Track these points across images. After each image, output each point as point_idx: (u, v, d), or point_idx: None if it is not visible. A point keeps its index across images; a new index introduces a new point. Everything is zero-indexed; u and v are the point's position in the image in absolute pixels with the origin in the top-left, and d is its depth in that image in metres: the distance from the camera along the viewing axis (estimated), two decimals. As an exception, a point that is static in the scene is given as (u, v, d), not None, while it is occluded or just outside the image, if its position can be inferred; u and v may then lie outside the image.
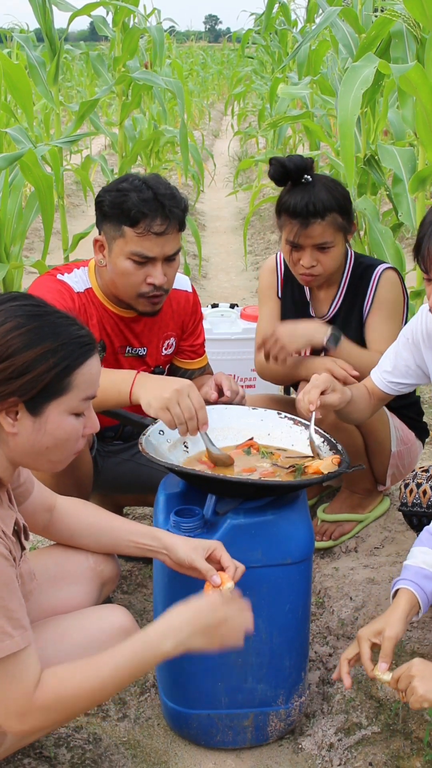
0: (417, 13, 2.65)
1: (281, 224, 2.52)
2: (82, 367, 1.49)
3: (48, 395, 1.46)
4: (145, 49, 6.52)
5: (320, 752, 1.96)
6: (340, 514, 2.77)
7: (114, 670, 1.49)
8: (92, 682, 1.48)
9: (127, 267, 2.18)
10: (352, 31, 3.54)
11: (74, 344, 1.48)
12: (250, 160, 6.66)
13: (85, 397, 1.51)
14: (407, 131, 3.99)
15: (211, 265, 7.06)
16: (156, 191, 2.15)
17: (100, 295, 2.32)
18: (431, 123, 2.72)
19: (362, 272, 2.61)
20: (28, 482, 1.73)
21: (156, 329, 2.42)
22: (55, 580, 1.80)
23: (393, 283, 2.58)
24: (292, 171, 2.46)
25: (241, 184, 9.80)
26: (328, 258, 2.50)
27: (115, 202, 2.16)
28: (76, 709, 1.51)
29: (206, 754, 2.01)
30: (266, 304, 2.79)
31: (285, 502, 1.91)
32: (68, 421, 1.50)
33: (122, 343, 2.37)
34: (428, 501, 2.12)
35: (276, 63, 8.63)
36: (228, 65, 21.91)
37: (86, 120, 4.87)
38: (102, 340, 2.33)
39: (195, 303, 2.51)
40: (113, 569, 1.91)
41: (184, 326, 2.50)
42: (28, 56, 4.74)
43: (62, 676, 1.47)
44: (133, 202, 2.13)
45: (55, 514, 1.81)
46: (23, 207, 3.66)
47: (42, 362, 1.44)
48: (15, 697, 1.43)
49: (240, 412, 2.22)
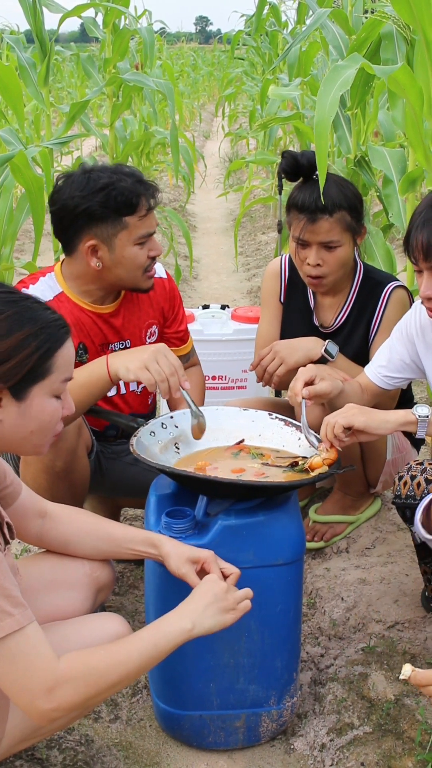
0: (406, 14, 2.65)
1: (290, 220, 2.51)
2: (62, 348, 1.54)
3: (32, 379, 1.50)
4: (136, 50, 6.51)
5: (312, 753, 1.96)
6: (332, 516, 2.77)
7: (139, 645, 1.51)
8: (119, 656, 1.49)
9: (136, 252, 2.24)
10: (342, 33, 3.54)
11: (52, 327, 1.52)
12: (240, 162, 6.67)
13: (64, 378, 1.56)
14: (397, 132, 4.00)
15: (202, 267, 7.06)
16: (128, 174, 2.22)
17: (74, 296, 2.31)
18: (420, 124, 2.72)
19: (372, 288, 2.58)
20: (15, 484, 1.73)
21: (135, 320, 2.42)
22: (50, 586, 1.79)
23: (402, 304, 2.55)
24: (303, 166, 2.46)
25: (232, 186, 9.81)
26: (333, 258, 2.46)
27: (106, 201, 2.16)
28: (107, 682, 1.48)
29: (198, 755, 2.01)
30: (267, 308, 2.76)
31: (276, 503, 1.91)
32: (50, 403, 1.54)
33: (103, 341, 2.36)
34: (422, 493, 2.12)
35: (266, 64, 8.63)
36: (218, 67, 21.90)
37: (77, 121, 4.86)
38: (81, 342, 2.32)
39: (172, 289, 2.53)
40: (109, 575, 1.90)
41: (165, 313, 2.50)
42: (19, 57, 4.73)
43: (87, 651, 1.48)
44: (126, 192, 2.16)
45: (48, 521, 1.80)
46: (14, 209, 3.65)
47: (25, 347, 1.47)
48: (37, 671, 1.41)
49: (231, 413, 2.22)
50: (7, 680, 1.42)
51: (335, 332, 2.62)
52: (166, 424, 2.09)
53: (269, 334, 2.72)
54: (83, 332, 2.33)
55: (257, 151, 7.40)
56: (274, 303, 2.74)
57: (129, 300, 2.41)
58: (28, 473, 2.21)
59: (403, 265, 2.21)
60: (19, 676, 1.41)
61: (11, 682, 1.42)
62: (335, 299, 2.63)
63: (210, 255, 7.52)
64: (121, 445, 2.54)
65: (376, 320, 2.56)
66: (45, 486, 2.18)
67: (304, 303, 2.69)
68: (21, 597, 1.44)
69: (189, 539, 1.81)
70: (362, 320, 2.58)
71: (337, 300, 2.63)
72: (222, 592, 1.63)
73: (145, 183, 2.24)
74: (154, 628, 1.56)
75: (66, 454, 2.18)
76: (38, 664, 1.41)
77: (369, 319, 2.57)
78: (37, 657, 1.42)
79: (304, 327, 2.65)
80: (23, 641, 1.41)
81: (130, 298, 2.41)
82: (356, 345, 2.58)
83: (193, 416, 2.09)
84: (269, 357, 2.50)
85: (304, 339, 2.53)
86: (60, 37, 5.47)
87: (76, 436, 2.20)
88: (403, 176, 3.08)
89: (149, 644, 1.53)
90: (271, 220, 7.94)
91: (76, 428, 2.20)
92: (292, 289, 2.70)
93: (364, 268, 2.62)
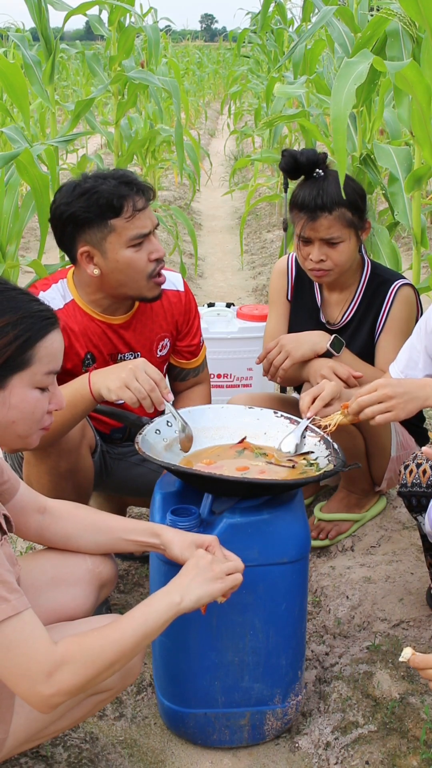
0: (412, 12, 2.65)
1: (293, 218, 2.52)
2: (44, 340, 1.52)
3: (11, 368, 1.49)
4: (141, 48, 6.51)
5: (317, 751, 1.96)
6: (336, 514, 2.77)
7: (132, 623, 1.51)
8: (114, 635, 1.49)
9: (131, 255, 2.18)
10: (347, 30, 3.54)
11: (35, 317, 1.51)
12: (246, 160, 6.66)
13: (48, 371, 1.54)
14: (403, 130, 3.99)
15: (207, 265, 7.06)
16: (114, 177, 2.18)
17: (84, 305, 2.29)
18: (426, 121, 2.72)
19: (378, 285, 2.59)
20: (13, 480, 1.73)
21: (148, 332, 2.40)
22: (53, 582, 1.79)
23: (408, 302, 2.56)
24: (303, 164, 2.47)
25: (237, 184, 9.81)
26: (336, 253, 2.48)
27: (89, 206, 2.14)
28: (105, 661, 1.48)
29: (203, 753, 2.01)
30: (275, 306, 2.78)
31: (281, 501, 1.91)
32: (32, 394, 1.53)
33: (111, 351, 2.34)
34: (428, 480, 2.11)
35: (272, 62, 8.63)
36: (224, 64, 21.87)
37: (82, 119, 4.86)
38: (89, 352, 2.31)
39: (188, 302, 2.48)
40: (111, 571, 1.89)
41: (178, 326, 2.47)
42: (24, 55, 4.73)
43: (81, 634, 1.49)
44: (107, 194, 2.13)
45: (47, 517, 1.80)
46: (19, 206, 3.65)
47: (2, 335, 1.47)
48: (35, 656, 1.41)
49: (236, 411, 2.22)
50: (5, 667, 1.41)
51: (342, 329, 2.63)
52: (171, 422, 2.08)
53: (277, 331, 2.73)
54: (91, 342, 2.31)
55: (263, 149, 7.39)
56: (282, 301, 2.75)
57: (142, 312, 2.38)
58: (33, 474, 2.21)
59: (409, 263, 2.20)
60: (18, 662, 1.40)
61: (10, 669, 1.41)
62: (342, 296, 2.64)
63: (215, 253, 7.52)
64: (127, 447, 2.54)
65: (382, 317, 2.56)
66: (50, 486, 2.18)
67: (311, 300, 2.69)
68: (16, 584, 1.44)
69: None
70: (368, 317, 2.59)
71: (344, 297, 2.63)
72: (207, 563, 1.63)
73: (131, 184, 2.18)
74: (144, 605, 1.56)
75: (70, 454, 2.18)
76: (36, 648, 1.41)
77: (375, 316, 2.58)
78: (35, 642, 1.41)
79: (312, 324, 2.66)
80: (20, 627, 1.41)
81: (143, 311, 2.38)
82: (362, 341, 2.59)
83: (180, 429, 2.06)
84: (275, 350, 2.52)
85: (310, 333, 2.55)
86: (65, 35, 5.47)
87: (79, 437, 2.20)
88: (408, 174, 3.07)
89: (140, 622, 1.53)
90: (277, 218, 7.94)
91: (80, 429, 2.20)
92: (299, 287, 2.72)
93: (372, 266, 2.63)
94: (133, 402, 2.01)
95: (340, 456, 1.97)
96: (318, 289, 2.68)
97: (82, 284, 2.29)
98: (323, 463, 2.00)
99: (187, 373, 2.55)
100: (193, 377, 2.57)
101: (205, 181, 9.95)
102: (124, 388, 2.01)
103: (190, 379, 2.57)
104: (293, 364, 2.51)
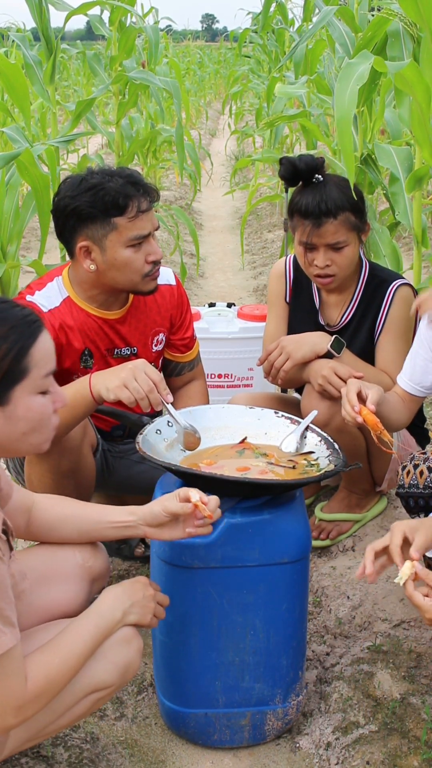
0: (412, 12, 2.65)
1: (294, 225, 2.50)
2: (36, 344, 1.49)
3: (10, 382, 1.47)
4: (142, 48, 6.51)
5: (318, 751, 1.96)
6: (337, 514, 2.77)
7: (83, 644, 1.56)
8: (71, 660, 1.53)
9: (129, 255, 2.19)
10: (348, 31, 3.54)
11: (22, 325, 1.48)
12: (246, 160, 6.65)
13: (45, 373, 1.52)
14: (404, 130, 4.00)
15: (208, 265, 7.06)
16: (121, 175, 2.18)
17: (80, 301, 2.30)
18: (426, 122, 2.72)
19: (377, 286, 2.58)
20: (6, 486, 1.72)
21: (142, 327, 2.41)
22: (44, 579, 1.79)
23: (407, 301, 2.55)
24: (302, 171, 2.45)
25: (238, 184, 9.80)
26: (342, 257, 2.47)
27: (94, 201, 2.14)
28: (61, 686, 1.53)
29: (204, 753, 2.01)
30: (273, 309, 2.78)
31: (282, 501, 1.91)
32: (36, 400, 1.51)
33: (108, 346, 2.35)
34: (425, 481, 2.12)
35: (273, 62, 8.63)
36: (225, 64, 21.88)
37: (83, 119, 4.86)
38: (87, 348, 2.32)
39: (180, 295, 2.50)
40: (102, 564, 1.89)
41: (173, 320, 2.49)
42: (25, 55, 4.74)
43: (44, 660, 1.50)
44: (113, 192, 2.13)
45: (33, 512, 1.80)
46: (20, 206, 3.66)
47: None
48: (11, 692, 1.43)
49: (237, 411, 2.22)
50: None
51: (341, 330, 2.62)
52: (172, 422, 2.09)
53: (276, 334, 2.72)
54: (89, 338, 2.32)
55: (264, 149, 7.38)
56: (280, 303, 2.75)
57: (136, 307, 2.39)
58: (34, 473, 2.21)
59: (410, 263, 2.20)
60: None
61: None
62: (340, 297, 2.63)
63: (216, 253, 7.52)
64: (128, 445, 2.54)
65: (381, 317, 2.56)
66: (51, 485, 2.18)
67: (310, 302, 2.69)
68: (14, 616, 1.44)
69: (194, 537, 1.81)
70: (367, 318, 2.58)
71: (343, 298, 2.63)
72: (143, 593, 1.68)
73: (137, 184, 2.18)
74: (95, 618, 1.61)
75: (71, 453, 2.18)
76: (14, 685, 1.44)
77: (374, 317, 2.57)
78: (14, 677, 1.44)
79: (310, 326, 2.65)
80: (7, 663, 1.42)
81: (137, 305, 2.39)
82: (362, 342, 2.59)
83: (180, 431, 2.06)
84: (276, 352, 2.52)
85: (310, 334, 2.55)
86: (66, 35, 5.48)
87: (81, 436, 2.21)
88: (409, 174, 3.07)
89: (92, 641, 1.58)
90: (278, 218, 7.94)
91: (81, 428, 2.20)
92: (297, 289, 2.71)
93: (369, 266, 2.63)
94: (131, 402, 2.02)
95: (341, 456, 1.97)
96: (316, 290, 2.68)
97: (77, 280, 2.29)
98: (324, 463, 2.00)
99: (183, 367, 2.56)
100: (188, 371, 2.59)
101: (206, 181, 9.95)
102: (123, 388, 2.01)
103: (185, 374, 2.59)
104: (294, 366, 2.50)
